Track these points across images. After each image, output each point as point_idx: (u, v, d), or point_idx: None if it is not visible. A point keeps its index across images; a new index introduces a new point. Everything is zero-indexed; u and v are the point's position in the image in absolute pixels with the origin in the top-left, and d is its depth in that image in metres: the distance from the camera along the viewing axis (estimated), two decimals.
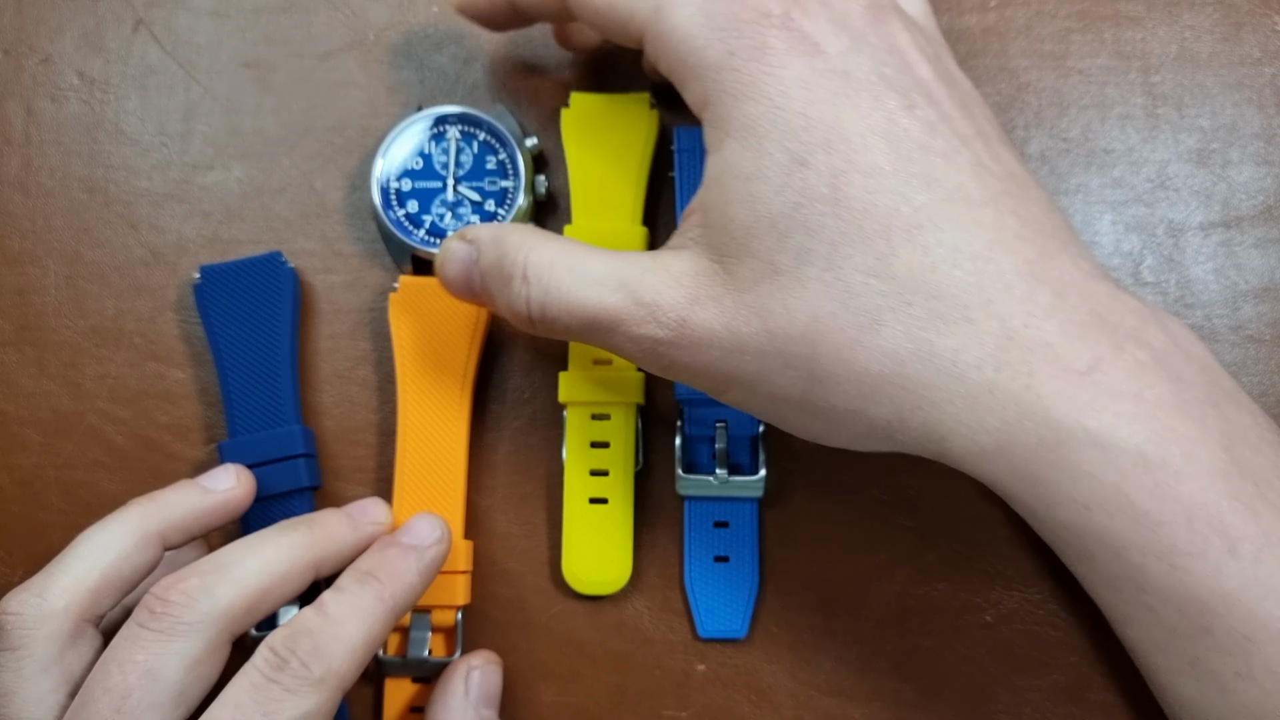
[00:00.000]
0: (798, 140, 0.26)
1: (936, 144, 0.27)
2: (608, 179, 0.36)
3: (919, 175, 0.26)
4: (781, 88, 0.26)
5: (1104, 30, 0.38)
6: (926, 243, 0.26)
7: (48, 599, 0.29)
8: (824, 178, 0.26)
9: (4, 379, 0.37)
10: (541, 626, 0.35)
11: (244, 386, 0.35)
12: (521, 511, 0.36)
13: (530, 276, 0.29)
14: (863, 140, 0.26)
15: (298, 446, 0.34)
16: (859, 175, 0.26)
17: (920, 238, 0.26)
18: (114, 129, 0.38)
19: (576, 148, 0.36)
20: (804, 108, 0.26)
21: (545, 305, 0.29)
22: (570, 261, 0.29)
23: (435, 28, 0.39)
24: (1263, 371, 0.36)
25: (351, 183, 0.38)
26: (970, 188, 0.27)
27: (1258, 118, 0.37)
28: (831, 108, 0.26)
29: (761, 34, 0.27)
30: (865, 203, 0.26)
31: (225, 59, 0.39)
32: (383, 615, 0.30)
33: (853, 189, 0.26)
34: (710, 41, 0.27)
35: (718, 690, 0.35)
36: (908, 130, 0.27)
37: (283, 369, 0.35)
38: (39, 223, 0.38)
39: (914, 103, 0.27)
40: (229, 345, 0.35)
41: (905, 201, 0.26)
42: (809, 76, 0.26)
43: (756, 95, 0.27)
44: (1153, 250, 0.36)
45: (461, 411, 0.35)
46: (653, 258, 0.29)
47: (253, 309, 0.35)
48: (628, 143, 0.36)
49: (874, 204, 0.26)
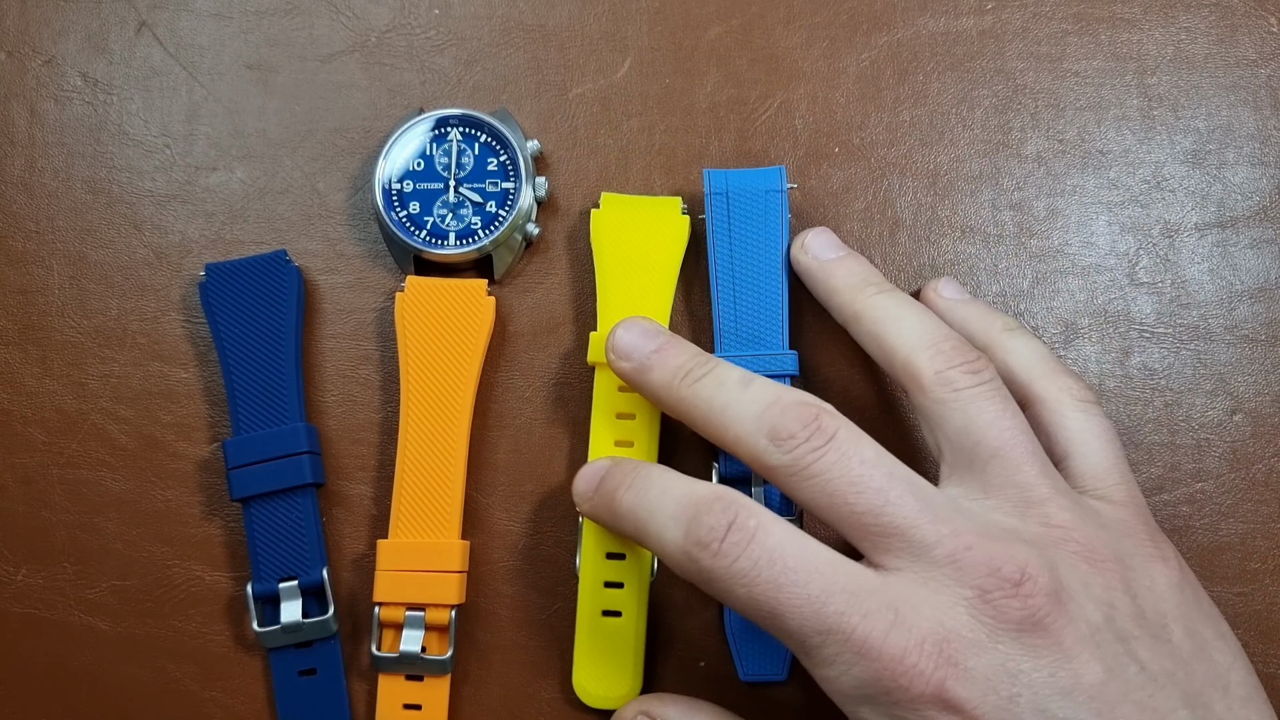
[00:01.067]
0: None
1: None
2: (636, 286, 0.35)
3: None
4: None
5: (1100, 32, 0.38)
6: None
7: None
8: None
9: (8, 378, 0.37)
10: (541, 624, 0.35)
11: (248, 384, 0.35)
12: (521, 510, 0.36)
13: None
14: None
15: (302, 444, 0.35)
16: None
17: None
18: (117, 130, 0.38)
19: (605, 250, 0.36)
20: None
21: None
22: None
23: (437, 30, 0.39)
24: (1258, 371, 0.36)
25: (354, 184, 0.38)
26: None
27: (1253, 119, 0.37)
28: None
29: (921, 713, 0.26)
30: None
31: (228, 61, 0.39)
32: None
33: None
34: (866, 704, 0.26)
35: (716, 687, 0.35)
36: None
37: (287, 366, 0.35)
38: (43, 223, 0.38)
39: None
40: (234, 342, 0.35)
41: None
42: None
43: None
44: (1148, 251, 0.37)
45: (463, 411, 0.35)
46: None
47: (258, 306, 0.36)
48: (658, 249, 0.36)
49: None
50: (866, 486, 0.28)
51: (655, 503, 0.30)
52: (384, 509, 0.36)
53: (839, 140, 0.38)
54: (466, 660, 0.35)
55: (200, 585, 0.36)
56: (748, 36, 0.38)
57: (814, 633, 0.27)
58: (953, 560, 0.27)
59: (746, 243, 0.35)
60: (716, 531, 0.28)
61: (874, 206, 0.37)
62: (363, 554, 0.36)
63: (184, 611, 0.35)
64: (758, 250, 0.35)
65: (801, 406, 0.29)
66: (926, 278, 0.37)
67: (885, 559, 0.27)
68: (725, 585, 0.28)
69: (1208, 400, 0.36)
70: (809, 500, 0.28)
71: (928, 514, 0.27)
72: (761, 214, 0.35)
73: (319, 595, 0.35)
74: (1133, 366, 0.36)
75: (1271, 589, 0.35)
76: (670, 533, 0.29)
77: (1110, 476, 0.30)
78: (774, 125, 0.38)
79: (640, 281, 0.35)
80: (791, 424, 0.29)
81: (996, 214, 0.37)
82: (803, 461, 0.28)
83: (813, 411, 0.29)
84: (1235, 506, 0.35)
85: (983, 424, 0.29)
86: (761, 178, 0.35)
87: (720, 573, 0.27)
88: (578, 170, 0.38)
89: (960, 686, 0.25)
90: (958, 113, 0.38)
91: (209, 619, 0.35)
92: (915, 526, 0.27)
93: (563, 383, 0.37)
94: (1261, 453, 0.35)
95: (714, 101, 0.38)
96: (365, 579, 0.35)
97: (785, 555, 0.27)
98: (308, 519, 0.35)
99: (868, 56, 0.38)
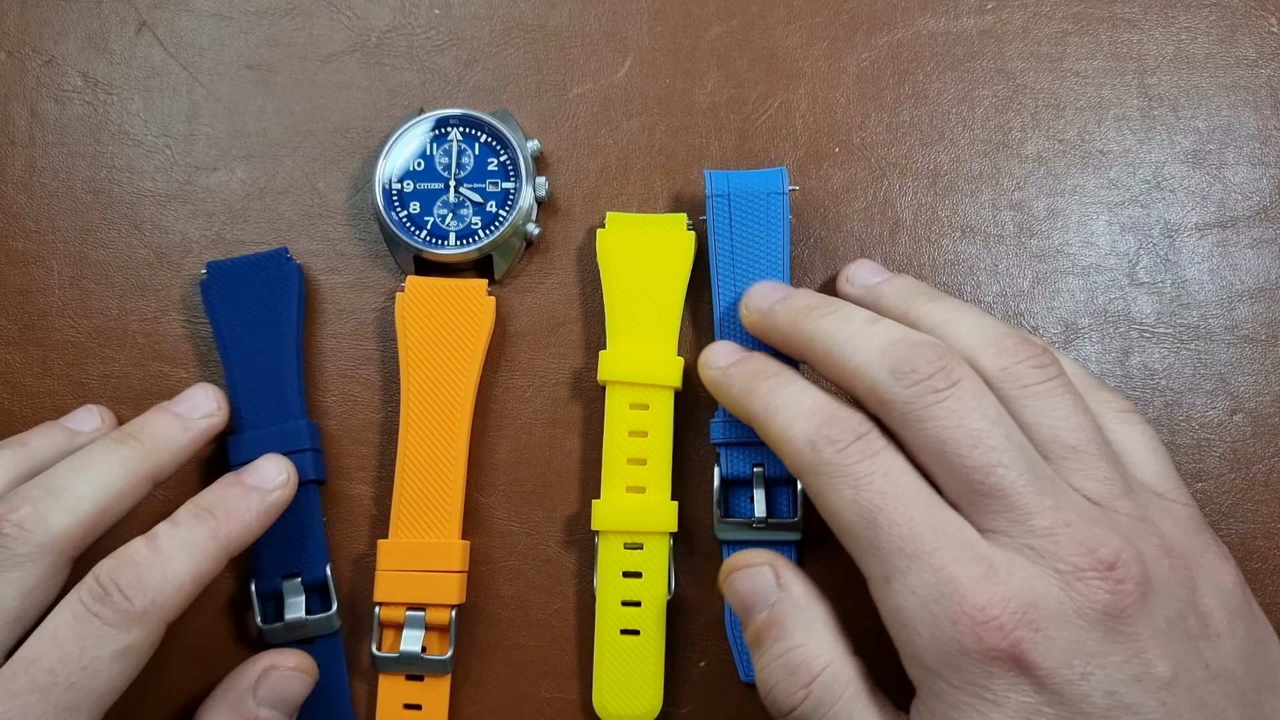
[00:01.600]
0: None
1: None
2: (644, 304, 0.36)
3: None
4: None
5: (1100, 32, 0.38)
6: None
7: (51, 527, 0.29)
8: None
9: (8, 379, 0.37)
10: (541, 624, 0.35)
11: (250, 381, 0.35)
12: (522, 510, 0.36)
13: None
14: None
15: (304, 441, 0.35)
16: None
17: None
18: (118, 130, 0.38)
19: (613, 269, 0.36)
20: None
21: None
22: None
23: (437, 30, 0.39)
24: (1258, 371, 0.36)
25: (354, 184, 0.38)
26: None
27: (1253, 119, 0.37)
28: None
29: (986, 668, 0.26)
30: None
31: (228, 61, 0.39)
32: (214, 553, 0.30)
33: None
34: (931, 647, 0.26)
35: (716, 686, 0.35)
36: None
37: (288, 364, 0.35)
38: (43, 223, 0.38)
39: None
40: (235, 340, 0.35)
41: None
42: (1030, 713, 0.25)
43: (974, 716, 0.26)
44: (1149, 251, 0.37)
45: (464, 410, 0.35)
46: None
47: (259, 304, 0.36)
48: (665, 266, 0.36)
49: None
50: (983, 443, 0.27)
51: (795, 396, 0.30)
52: (384, 509, 0.36)
53: (839, 140, 0.38)
54: (466, 660, 0.35)
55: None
56: (748, 36, 0.38)
57: (903, 555, 0.27)
58: (1052, 533, 0.26)
59: (748, 244, 0.35)
60: (847, 435, 0.28)
61: (874, 206, 0.37)
62: (363, 554, 0.36)
63: (186, 610, 0.35)
64: (759, 251, 0.35)
65: (930, 347, 0.29)
66: (927, 278, 0.37)
67: (983, 519, 0.27)
68: (835, 482, 0.28)
69: (1208, 400, 0.36)
70: (919, 442, 0.28)
71: (1036, 484, 0.27)
72: (763, 215, 0.35)
73: (322, 592, 0.35)
74: (1133, 366, 0.36)
75: (1271, 589, 0.35)
76: (801, 423, 0.29)
77: (1167, 481, 0.30)
78: (774, 125, 0.38)
79: (648, 299, 0.36)
80: (918, 360, 0.28)
81: (996, 214, 0.37)
82: (923, 401, 0.28)
83: (941, 352, 0.29)
84: (1235, 506, 0.35)
85: (1057, 419, 0.29)
86: (763, 179, 0.35)
87: (838, 468, 0.28)
88: (578, 170, 0.38)
89: (1037, 651, 0.25)
90: (958, 113, 0.38)
91: (210, 618, 0.35)
92: (1021, 494, 0.27)
93: (563, 383, 0.37)
94: (1261, 453, 0.35)
95: (714, 101, 0.38)
96: (365, 579, 0.35)
97: (903, 478, 0.28)
98: (311, 515, 0.35)
99: (868, 56, 0.38)
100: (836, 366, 0.30)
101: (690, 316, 0.37)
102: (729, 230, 0.35)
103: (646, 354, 0.35)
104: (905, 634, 0.27)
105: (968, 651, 0.26)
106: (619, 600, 0.34)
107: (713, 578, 0.35)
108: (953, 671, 0.26)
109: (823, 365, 0.31)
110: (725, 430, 0.34)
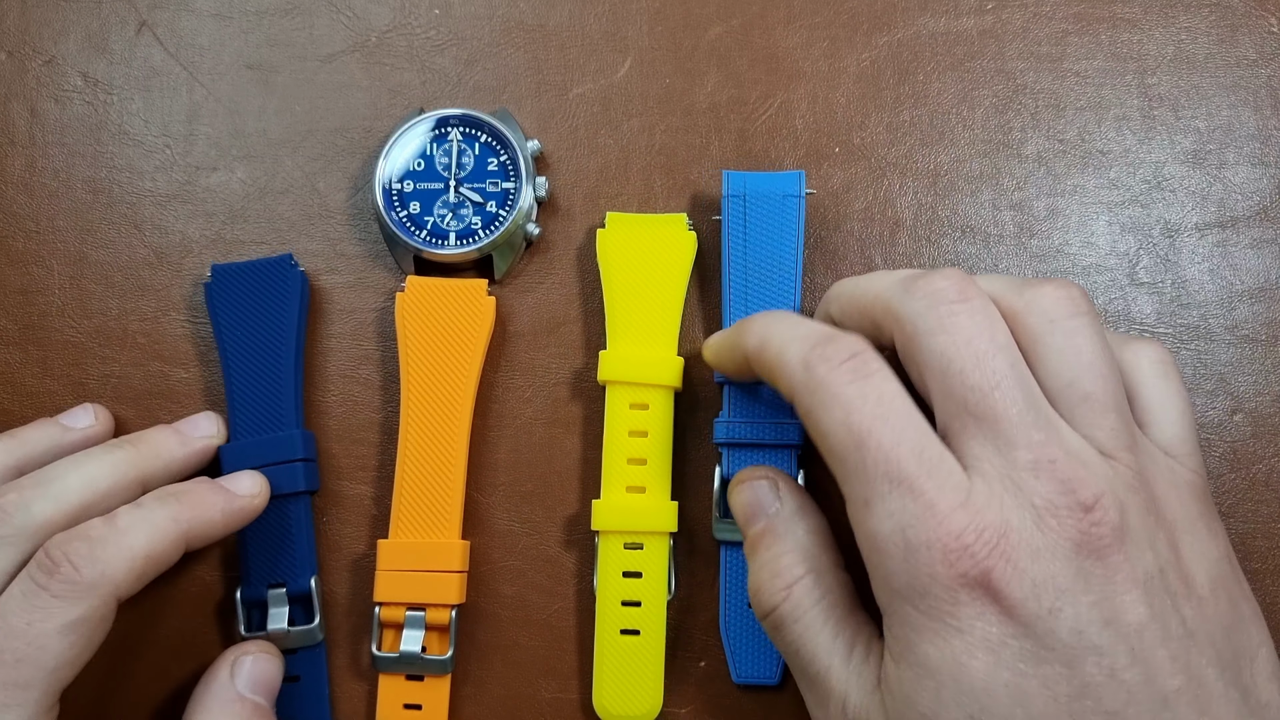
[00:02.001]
0: (972, 706, 0.26)
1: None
2: (645, 304, 0.36)
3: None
4: (965, 659, 0.26)
5: (1100, 32, 0.38)
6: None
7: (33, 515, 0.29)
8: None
9: (8, 379, 0.37)
10: (542, 624, 0.35)
11: (248, 387, 0.35)
12: (522, 510, 0.36)
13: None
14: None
15: (298, 451, 0.35)
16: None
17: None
18: (118, 130, 0.38)
19: (613, 269, 0.36)
20: (985, 678, 0.25)
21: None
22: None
23: (437, 30, 0.39)
24: (1258, 371, 0.36)
25: (354, 184, 0.38)
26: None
27: (1253, 119, 0.37)
28: (1017, 679, 0.25)
29: (954, 595, 0.26)
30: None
31: (228, 61, 0.39)
32: (173, 536, 0.30)
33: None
34: (901, 571, 0.26)
35: (716, 686, 0.35)
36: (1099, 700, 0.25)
37: (286, 372, 0.35)
38: (43, 223, 0.38)
39: (1115, 666, 0.25)
40: (235, 345, 0.35)
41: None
42: (995, 644, 0.26)
43: (938, 643, 0.26)
44: (1149, 251, 0.37)
45: (464, 410, 0.35)
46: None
47: (261, 310, 0.36)
48: (665, 266, 0.36)
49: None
50: (987, 364, 0.27)
51: (791, 324, 0.30)
52: (384, 509, 0.36)
53: (839, 140, 0.38)
54: (466, 660, 0.35)
55: (200, 585, 0.36)
56: (748, 36, 0.38)
57: (886, 478, 0.27)
58: (1034, 467, 0.26)
59: (761, 246, 0.35)
60: (842, 353, 0.28)
61: (874, 206, 0.37)
62: (363, 554, 0.36)
63: (184, 611, 0.35)
64: (772, 254, 0.35)
65: (952, 270, 0.29)
66: None
67: (968, 443, 0.27)
68: (826, 401, 0.28)
69: (1208, 400, 0.36)
70: (924, 359, 0.28)
71: (1030, 415, 0.27)
72: (778, 218, 0.35)
73: (306, 604, 0.35)
74: None
75: (1271, 589, 0.35)
76: (796, 345, 0.29)
77: (1184, 445, 0.30)
78: (774, 125, 0.38)
79: (648, 299, 0.36)
80: (935, 278, 0.29)
81: (996, 214, 0.37)
82: (935, 313, 0.28)
83: (961, 275, 0.29)
84: (1235, 506, 0.35)
85: (1080, 364, 0.28)
86: (780, 182, 0.35)
87: (831, 387, 0.28)
88: (578, 170, 0.38)
89: (1006, 580, 0.25)
90: (958, 113, 0.38)
91: (209, 619, 0.35)
92: (1012, 422, 0.27)
93: (563, 383, 0.37)
94: (1261, 453, 0.35)
95: (714, 101, 0.38)
96: (365, 579, 0.35)
97: (894, 402, 0.27)
98: (300, 526, 0.35)
99: (868, 56, 0.38)
100: (859, 297, 0.30)
101: (690, 317, 0.37)
102: (743, 231, 0.35)
103: (646, 354, 0.35)
104: (878, 558, 0.27)
105: (938, 577, 0.26)
106: (619, 600, 0.34)
107: (713, 578, 0.35)
108: (920, 597, 0.26)
109: (843, 302, 0.31)
110: (729, 430, 0.34)
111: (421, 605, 0.34)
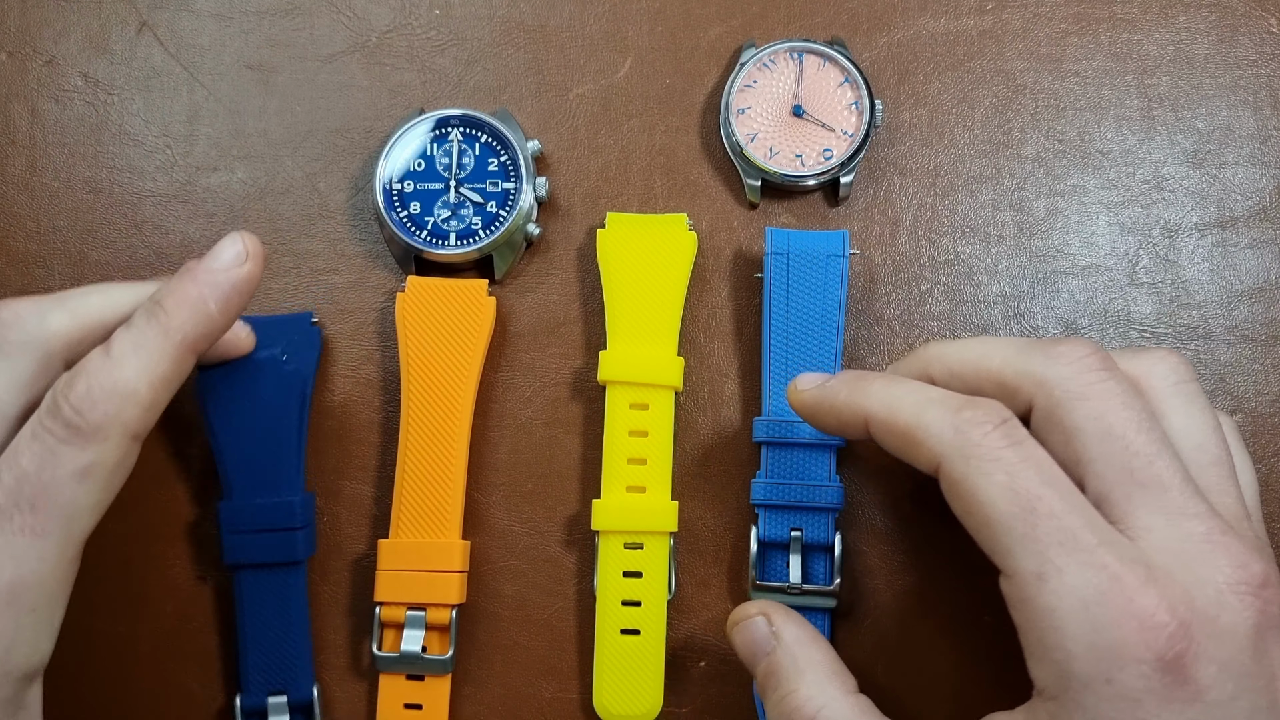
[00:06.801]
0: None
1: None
2: (645, 304, 0.35)
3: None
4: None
5: (1100, 33, 0.38)
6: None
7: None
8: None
9: None
10: (541, 623, 0.35)
11: (247, 453, 0.34)
12: (522, 510, 0.36)
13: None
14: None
15: (296, 520, 0.34)
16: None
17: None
18: (118, 131, 0.38)
19: (613, 269, 0.36)
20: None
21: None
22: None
23: (437, 30, 0.39)
24: (1258, 371, 0.36)
25: (354, 184, 0.38)
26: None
27: (1253, 119, 0.37)
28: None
29: (1147, 679, 0.24)
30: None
31: (229, 61, 0.39)
32: (168, 351, 0.28)
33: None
34: (1086, 653, 0.24)
35: (717, 686, 0.35)
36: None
37: (290, 431, 0.34)
38: (44, 223, 0.38)
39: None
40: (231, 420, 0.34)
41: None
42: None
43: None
44: (1148, 251, 0.37)
45: (464, 410, 0.35)
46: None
47: (277, 364, 0.34)
48: (665, 267, 0.36)
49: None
50: (1147, 430, 0.26)
51: (914, 389, 0.29)
52: (384, 509, 0.36)
53: None
54: (467, 660, 0.35)
55: (200, 585, 0.36)
56: (748, 36, 0.38)
57: (1062, 549, 0.25)
58: (1209, 539, 0.25)
59: (803, 304, 0.35)
60: (993, 418, 0.27)
61: (874, 206, 0.37)
62: (363, 554, 0.36)
63: (184, 611, 0.35)
64: (814, 313, 0.35)
65: (1082, 339, 0.28)
66: (927, 278, 0.37)
67: (1135, 512, 0.26)
68: (986, 466, 0.26)
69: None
70: (1076, 422, 0.27)
71: (1190, 484, 0.26)
72: (821, 277, 0.35)
73: (307, 713, 0.34)
74: None
75: None
76: (936, 408, 0.27)
77: (1257, 511, 0.29)
78: None
79: (648, 299, 0.36)
80: (1077, 345, 0.28)
81: (996, 214, 0.37)
82: (1085, 378, 0.27)
83: (1094, 343, 0.28)
84: None
85: (1206, 427, 0.27)
86: (824, 241, 0.35)
87: (988, 451, 0.26)
88: (578, 170, 0.38)
89: (1198, 664, 0.24)
90: (958, 113, 0.38)
91: (209, 619, 0.35)
92: (1181, 490, 0.26)
93: (563, 383, 0.37)
94: (1261, 453, 0.35)
95: (714, 102, 0.38)
96: (365, 579, 0.35)
97: (1054, 469, 0.26)
98: (296, 606, 0.34)
99: (868, 56, 0.38)
100: (977, 360, 0.29)
101: (690, 317, 0.37)
102: (785, 289, 0.35)
103: (647, 354, 0.35)
104: (1056, 637, 0.25)
105: (1129, 659, 0.24)
106: (619, 600, 0.34)
107: (713, 578, 0.35)
108: (1105, 682, 0.24)
109: (952, 364, 0.30)
110: (767, 491, 0.34)
111: (422, 605, 0.34)
